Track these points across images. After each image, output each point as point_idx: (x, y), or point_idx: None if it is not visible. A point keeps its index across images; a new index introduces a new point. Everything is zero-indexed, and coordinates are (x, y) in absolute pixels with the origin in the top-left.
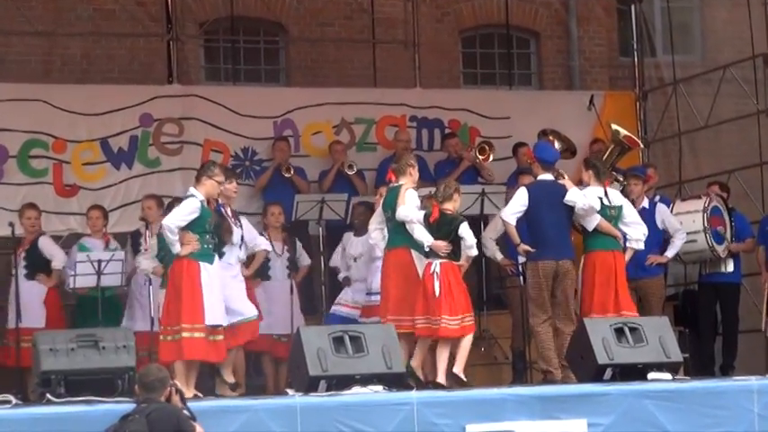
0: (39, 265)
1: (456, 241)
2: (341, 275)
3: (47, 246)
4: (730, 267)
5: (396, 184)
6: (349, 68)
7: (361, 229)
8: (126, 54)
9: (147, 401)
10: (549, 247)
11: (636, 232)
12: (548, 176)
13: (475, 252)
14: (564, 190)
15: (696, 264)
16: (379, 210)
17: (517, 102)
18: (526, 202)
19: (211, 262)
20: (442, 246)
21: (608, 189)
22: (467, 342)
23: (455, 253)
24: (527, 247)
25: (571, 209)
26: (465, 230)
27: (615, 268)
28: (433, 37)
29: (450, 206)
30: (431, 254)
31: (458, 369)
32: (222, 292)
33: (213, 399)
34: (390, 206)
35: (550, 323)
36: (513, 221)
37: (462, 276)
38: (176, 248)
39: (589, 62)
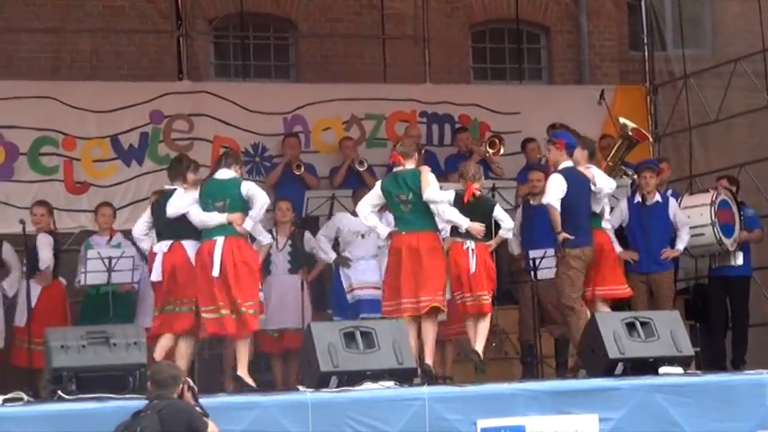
0: (36, 265)
1: (486, 222)
2: (330, 256)
3: (39, 245)
4: (740, 260)
5: (409, 168)
6: (359, 64)
7: None
8: (135, 51)
9: (159, 398)
10: (586, 233)
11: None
12: (570, 163)
13: (510, 235)
14: (586, 178)
15: (704, 257)
16: (375, 193)
17: (527, 96)
18: (566, 187)
19: None
20: (480, 228)
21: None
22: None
23: (485, 234)
24: (566, 235)
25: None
26: (501, 213)
27: (611, 245)
28: (442, 32)
29: (478, 186)
30: (466, 235)
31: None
32: None
33: (224, 395)
34: (410, 188)
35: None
36: (558, 206)
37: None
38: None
39: (599, 56)
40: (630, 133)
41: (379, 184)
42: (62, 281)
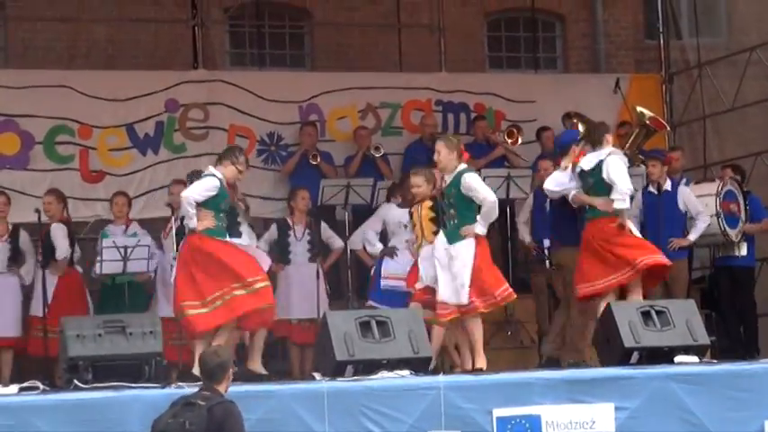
0: (51, 254)
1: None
2: (376, 248)
3: (54, 235)
4: (743, 251)
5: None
6: (374, 53)
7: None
8: (151, 39)
9: (210, 389)
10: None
11: None
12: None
13: None
14: None
15: (708, 247)
16: None
17: (542, 85)
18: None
19: (224, 239)
20: None
21: None
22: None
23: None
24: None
25: None
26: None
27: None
28: (458, 21)
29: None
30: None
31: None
32: None
33: (240, 384)
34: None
35: None
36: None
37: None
38: (193, 223)
39: (615, 45)
40: (648, 122)
41: None
42: (78, 269)
